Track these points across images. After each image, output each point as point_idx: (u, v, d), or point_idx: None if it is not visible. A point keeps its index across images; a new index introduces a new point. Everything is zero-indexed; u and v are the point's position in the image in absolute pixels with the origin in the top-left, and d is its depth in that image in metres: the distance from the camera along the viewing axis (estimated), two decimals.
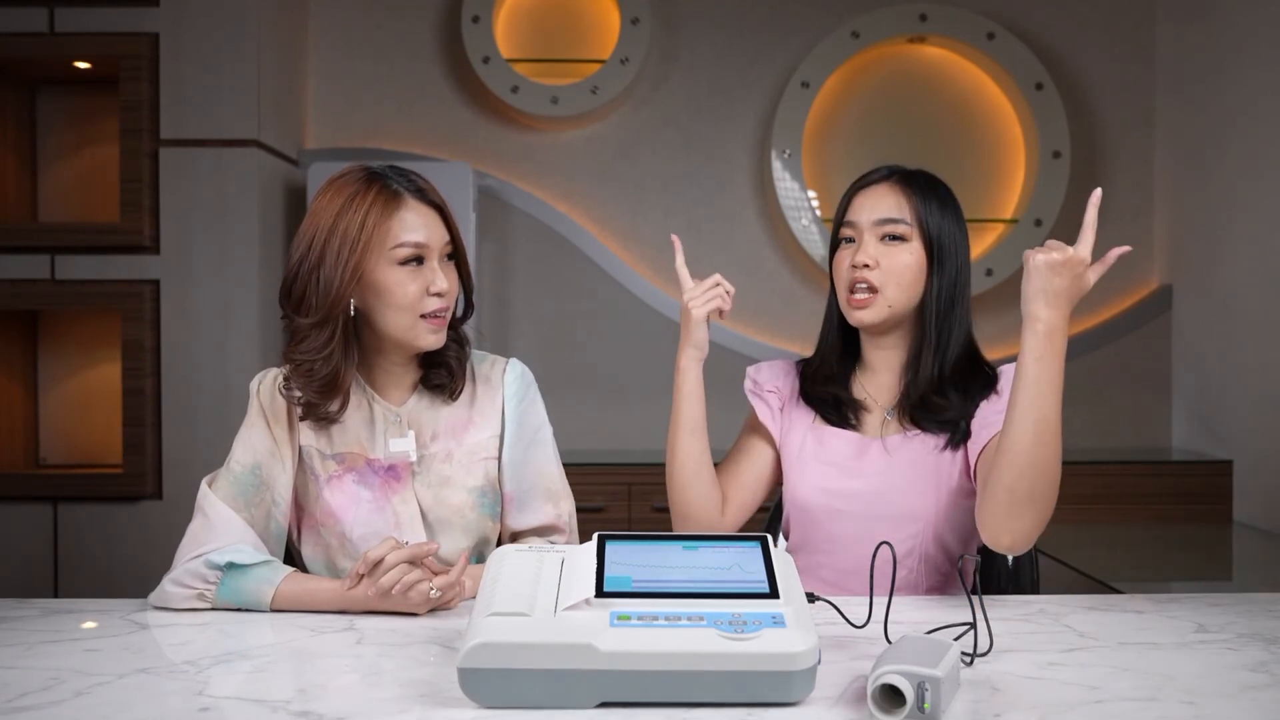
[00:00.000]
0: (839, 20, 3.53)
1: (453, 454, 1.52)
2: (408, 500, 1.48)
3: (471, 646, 0.97)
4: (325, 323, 1.41)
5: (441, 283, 1.44)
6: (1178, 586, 2.46)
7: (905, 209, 1.50)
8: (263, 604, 1.35)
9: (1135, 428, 3.59)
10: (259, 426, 1.48)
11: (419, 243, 1.42)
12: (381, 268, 1.42)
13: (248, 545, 1.40)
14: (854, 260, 1.51)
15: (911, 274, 1.50)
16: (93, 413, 3.26)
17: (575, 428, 3.52)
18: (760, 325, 3.55)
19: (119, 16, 3.01)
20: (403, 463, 1.49)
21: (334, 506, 1.47)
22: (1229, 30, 3.23)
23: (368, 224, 1.40)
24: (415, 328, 1.44)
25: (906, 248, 1.50)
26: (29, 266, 3.00)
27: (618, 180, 3.59)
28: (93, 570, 2.99)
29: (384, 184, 1.44)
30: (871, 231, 1.51)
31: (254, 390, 1.52)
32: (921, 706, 0.94)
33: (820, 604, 1.22)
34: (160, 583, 1.39)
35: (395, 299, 1.42)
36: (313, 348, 1.42)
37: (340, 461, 1.49)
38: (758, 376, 1.65)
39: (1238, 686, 1.06)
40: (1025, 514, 1.32)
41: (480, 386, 1.56)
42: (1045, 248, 1.35)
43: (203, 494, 1.45)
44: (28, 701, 1.02)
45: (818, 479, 1.54)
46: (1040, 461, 1.31)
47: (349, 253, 1.39)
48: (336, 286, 1.39)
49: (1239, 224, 3.19)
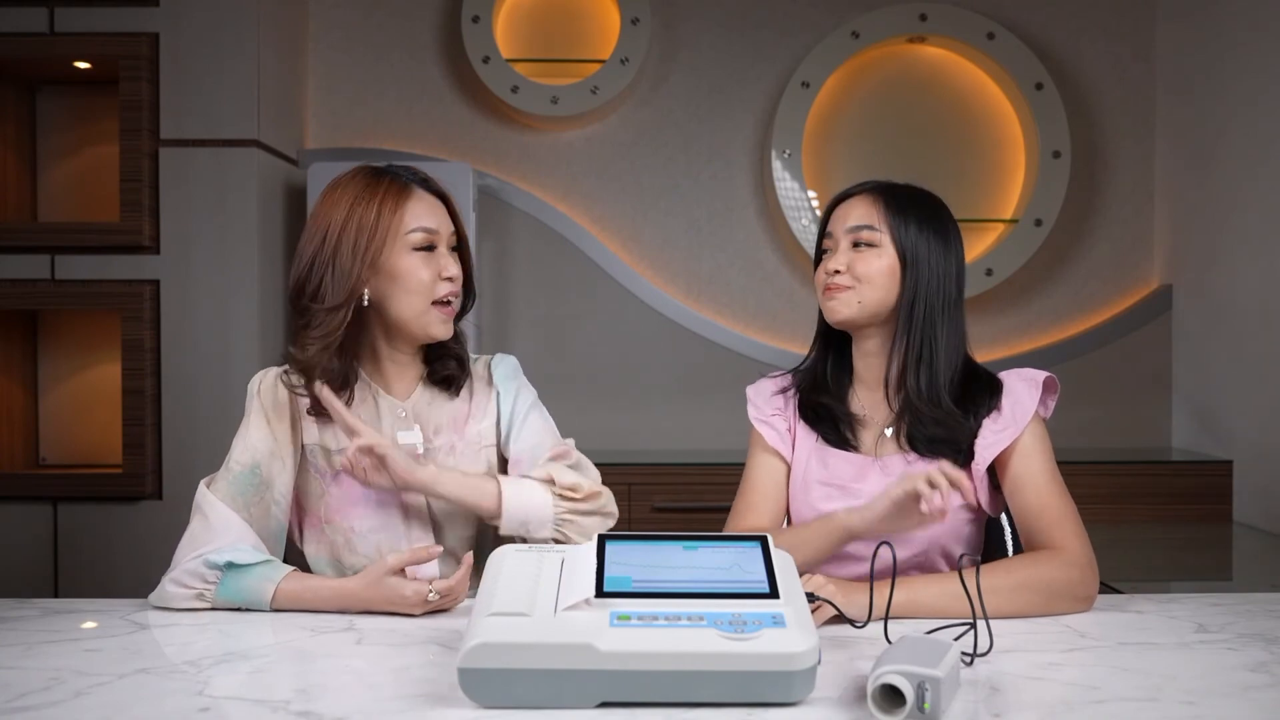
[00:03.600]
0: (839, 20, 3.53)
1: (455, 447, 1.55)
2: (413, 494, 1.49)
3: (471, 646, 0.97)
4: (339, 308, 1.45)
5: (453, 268, 1.50)
6: (1178, 586, 2.46)
7: (875, 216, 1.53)
8: (263, 603, 1.36)
9: (1135, 428, 3.59)
10: (259, 425, 1.49)
11: (430, 229, 1.48)
12: (396, 253, 1.46)
13: (247, 545, 1.40)
14: (826, 267, 1.55)
15: (882, 277, 1.51)
16: (93, 413, 3.26)
17: (575, 428, 3.48)
18: (760, 325, 3.55)
19: (119, 16, 3.00)
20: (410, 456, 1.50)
21: (342, 502, 1.49)
22: (1229, 30, 3.23)
23: (384, 212, 1.45)
24: (427, 314, 1.48)
25: (875, 253, 1.52)
26: (29, 266, 3.00)
27: (618, 180, 3.59)
28: (93, 570, 2.98)
29: (392, 177, 1.50)
30: (845, 239, 1.54)
31: (254, 390, 1.53)
32: (921, 706, 0.94)
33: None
34: (160, 583, 1.39)
35: (410, 284, 1.46)
36: (323, 332, 1.45)
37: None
38: (758, 400, 1.66)
39: (1238, 686, 1.06)
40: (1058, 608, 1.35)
41: (476, 382, 1.62)
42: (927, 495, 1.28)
43: (201, 495, 1.45)
44: (28, 701, 1.02)
45: (821, 501, 1.54)
46: (1029, 602, 1.33)
47: (366, 241, 1.44)
48: (354, 274, 1.44)
49: (1239, 224, 3.19)
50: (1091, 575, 1.37)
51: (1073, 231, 3.60)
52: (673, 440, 3.51)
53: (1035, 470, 1.45)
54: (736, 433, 3.60)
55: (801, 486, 1.58)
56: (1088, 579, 1.36)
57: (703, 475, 3.12)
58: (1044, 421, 1.51)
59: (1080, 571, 1.36)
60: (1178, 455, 3.39)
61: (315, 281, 1.46)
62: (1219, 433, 3.30)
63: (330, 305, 1.45)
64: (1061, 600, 1.34)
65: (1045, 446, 1.48)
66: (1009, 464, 1.47)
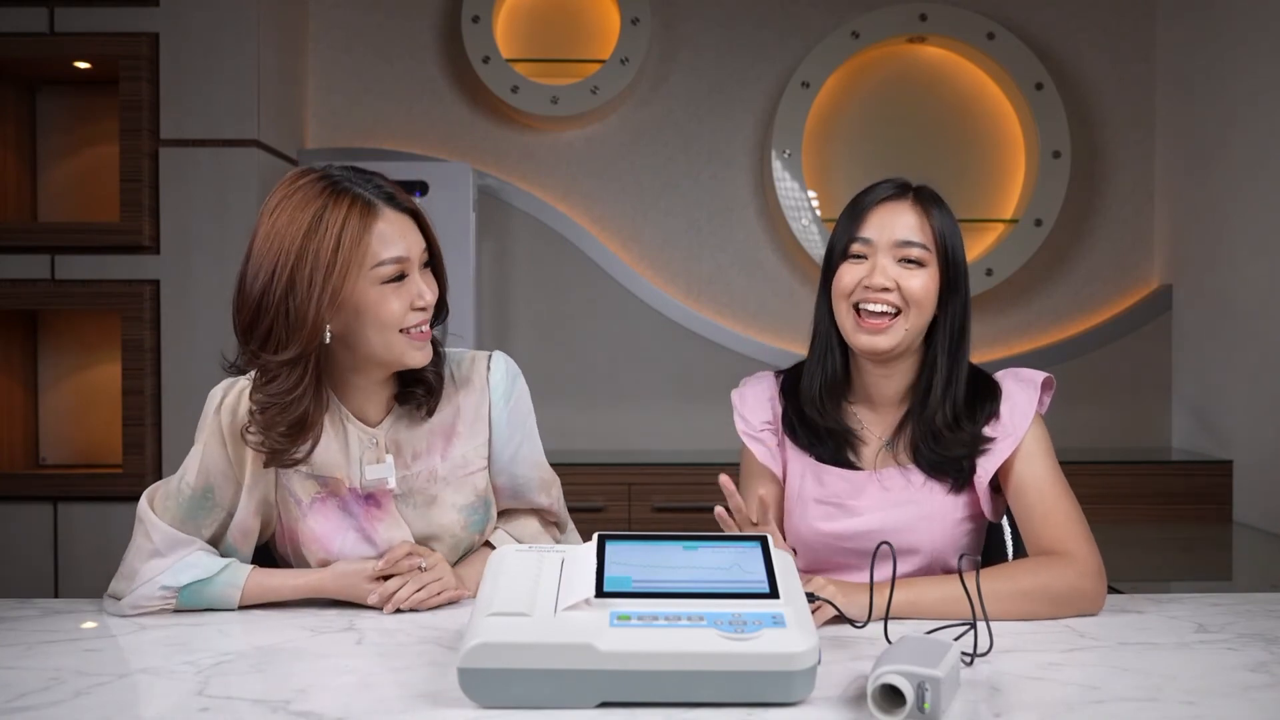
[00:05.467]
0: (839, 20, 3.53)
1: (437, 472, 1.43)
2: (393, 526, 1.41)
3: (471, 646, 0.97)
4: (299, 359, 1.27)
5: (427, 295, 1.33)
6: (1178, 586, 2.46)
7: (926, 230, 1.42)
8: (230, 605, 1.35)
9: (1135, 428, 3.59)
10: (213, 450, 1.37)
11: (400, 257, 1.30)
12: (361, 288, 1.28)
13: (202, 555, 1.36)
14: (869, 281, 1.40)
15: (930, 299, 1.41)
16: (93, 413, 3.26)
17: (575, 428, 3.52)
18: (760, 325, 3.55)
19: (119, 16, 3.00)
20: (382, 490, 1.40)
21: (318, 533, 1.40)
22: (1229, 30, 3.23)
23: (344, 244, 1.25)
24: (397, 345, 1.32)
25: (925, 272, 1.41)
26: (29, 266, 3.00)
27: (618, 180, 3.59)
28: (93, 570, 2.98)
29: (352, 194, 1.28)
30: (889, 253, 1.41)
31: (213, 406, 1.38)
32: (921, 706, 0.94)
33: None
34: (111, 593, 1.36)
35: (377, 318, 1.30)
36: (283, 389, 1.27)
37: (323, 485, 1.40)
38: (745, 412, 1.56)
39: (1238, 686, 1.06)
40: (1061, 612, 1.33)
41: (462, 392, 1.44)
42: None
43: (144, 513, 1.36)
44: (28, 701, 1.02)
45: (818, 519, 1.48)
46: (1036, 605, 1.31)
47: (323, 278, 1.24)
48: (312, 317, 1.25)
49: (1239, 224, 3.19)
50: (1102, 585, 1.35)
51: (1073, 231, 3.60)
52: (673, 440, 3.51)
53: (1038, 473, 1.42)
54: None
55: (798, 504, 1.50)
56: (1099, 590, 1.34)
57: (703, 475, 3.11)
58: (1043, 421, 1.47)
59: (1092, 582, 1.34)
60: (1178, 455, 3.39)
61: (265, 324, 1.26)
62: (1219, 433, 3.30)
63: (287, 358, 1.26)
64: (1070, 609, 1.33)
65: (1047, 447, 1.44)
66: (1011, 467, 1.43)
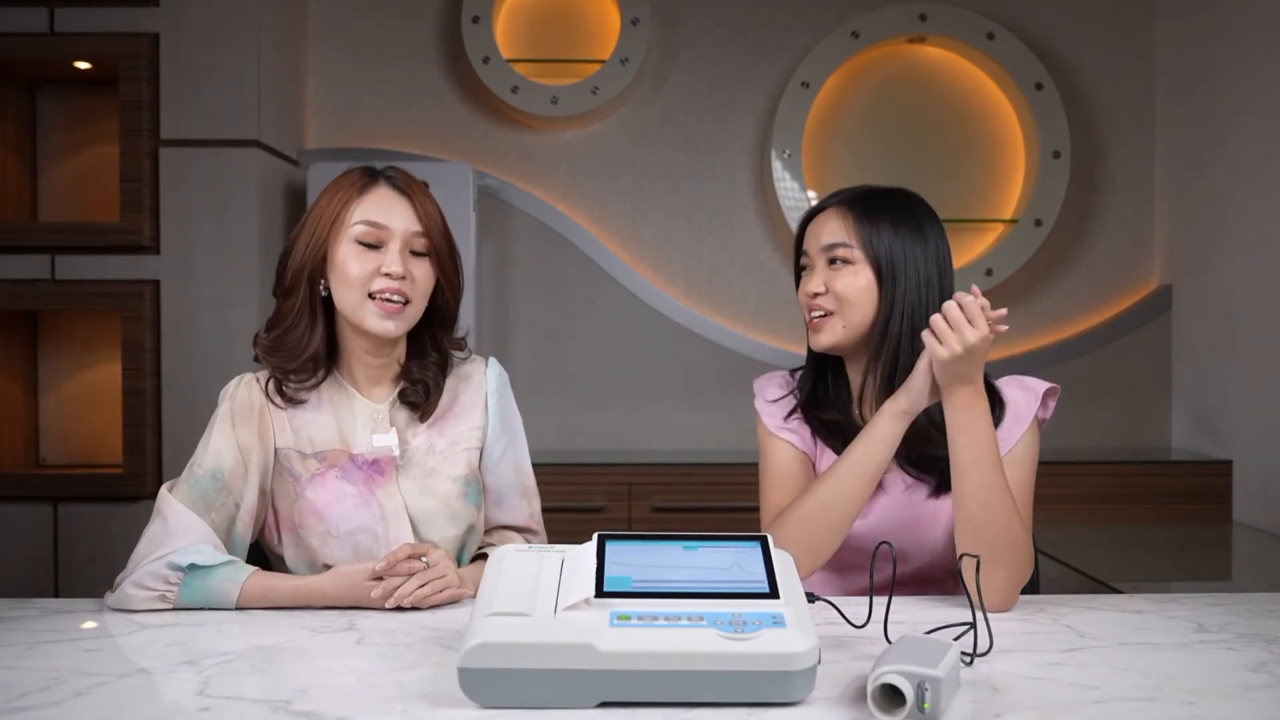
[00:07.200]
0: (839, 20, 3.53)
1: (435, 445, 1.53)
2: (392, 494, 1.48)
3: (471, 646, 0.97)
4: (291, 292, 1.48)
5: (394, 265, 1.45)
6: (1178, 586, 2.46)
7: (847, 230, 1.48)
8: (228, 603, 1.35)
9: (1135, 428, 3.59)
10: (222, 430, 1.48)
11: (376, 222, 1.46)
12: (340, 244, 1.46)
13: (208, 546, 1.39)
14: (804, 288, 1.52)
15: (862, 295, 1.47)
16: (93, 413, 3.26)
17: (575, 427, 3.52)
18: (760, 325, 3.55)
19: (119, 16, 3.00)
20: (386, 457, 1.49)
21: (317, 504, 1.47)
22: (1229, 30, 3.23)
23: (334, 203, 1.47)
24: (363, 306, 1.45)
25: (851, 270, 1.48)
26: (29, 266, 3.00)
27: (618, 180, 3.59)
28: (93, 570, 2.98)
29: (362, 169, 1.51)
30: (820, 258, 1.51)
31: (225, 394, 1.54)
32: (921, 706, 0.94)
33: (820, 604, 1.22)
34: (118, 585, 1.37)
35: (346, 274, 1.45)
36: (278, 316, 1.50)
37: (322, 460, 1.49)
38: (774, 411, 1.58)
39: (1238, 686, 1.06)
40: (996, 574, 1.33)
41: (461, 383, 1.59)
42: (942, 334, 1.34)
43: (162, 498, 1.43)
44: (28, 701, 1.02)
45: None
46: (994, 530, 1.33)
47: (315, 229, 1.47)
48: (301, 262, 1.47)
49: (1239, 224, 3.19)
50: (1022, 584, 1.37)
51: (1073, 231, 3.60)
52: (673, 440, 3.51)
53: (1017, 479, 1.44)
54: (737, 432, 3.62)
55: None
56: (1023, 579, 1.37)
57: (702, 475, 3.11)
58: (1039, 432, 1.48)
59: (1026, 570, 1.37)
60: (1178, 455, 3.39)
61: (278, 269, 1.52)
62: (1219, 433, 3.30)
63: (282, 290, 1.49)
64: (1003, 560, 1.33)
65: (1033, 456, 1.47)
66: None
